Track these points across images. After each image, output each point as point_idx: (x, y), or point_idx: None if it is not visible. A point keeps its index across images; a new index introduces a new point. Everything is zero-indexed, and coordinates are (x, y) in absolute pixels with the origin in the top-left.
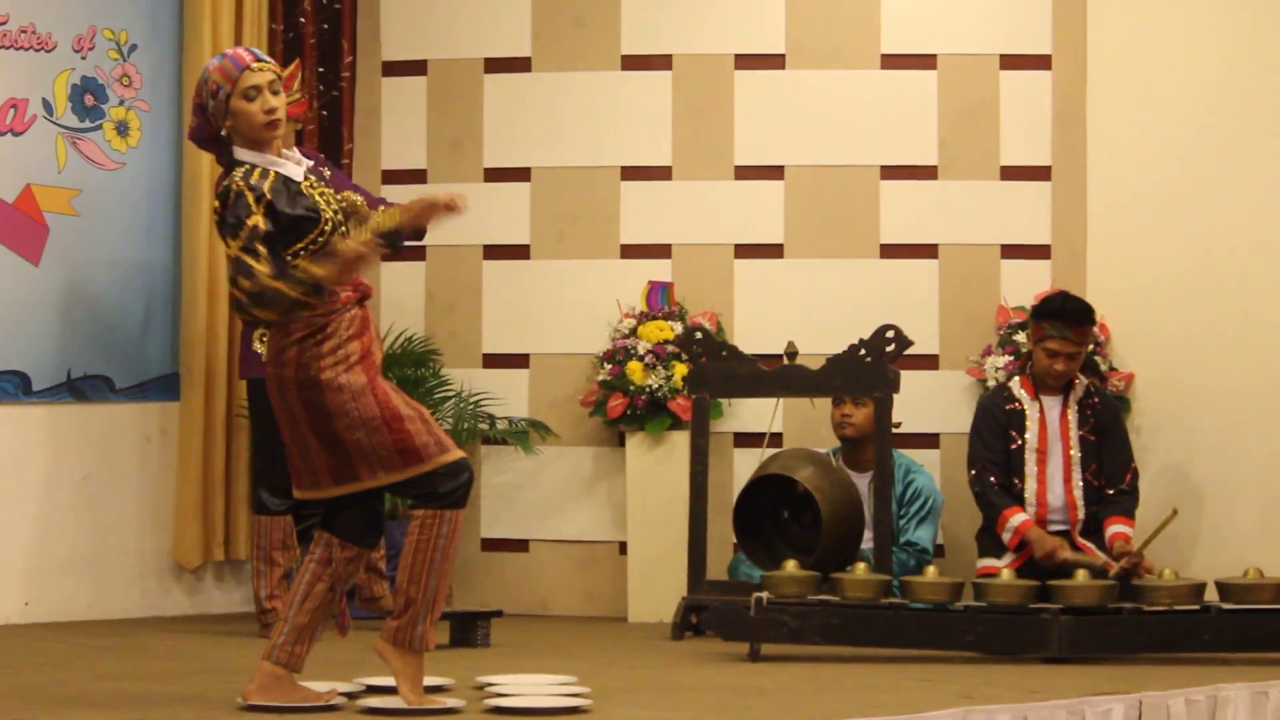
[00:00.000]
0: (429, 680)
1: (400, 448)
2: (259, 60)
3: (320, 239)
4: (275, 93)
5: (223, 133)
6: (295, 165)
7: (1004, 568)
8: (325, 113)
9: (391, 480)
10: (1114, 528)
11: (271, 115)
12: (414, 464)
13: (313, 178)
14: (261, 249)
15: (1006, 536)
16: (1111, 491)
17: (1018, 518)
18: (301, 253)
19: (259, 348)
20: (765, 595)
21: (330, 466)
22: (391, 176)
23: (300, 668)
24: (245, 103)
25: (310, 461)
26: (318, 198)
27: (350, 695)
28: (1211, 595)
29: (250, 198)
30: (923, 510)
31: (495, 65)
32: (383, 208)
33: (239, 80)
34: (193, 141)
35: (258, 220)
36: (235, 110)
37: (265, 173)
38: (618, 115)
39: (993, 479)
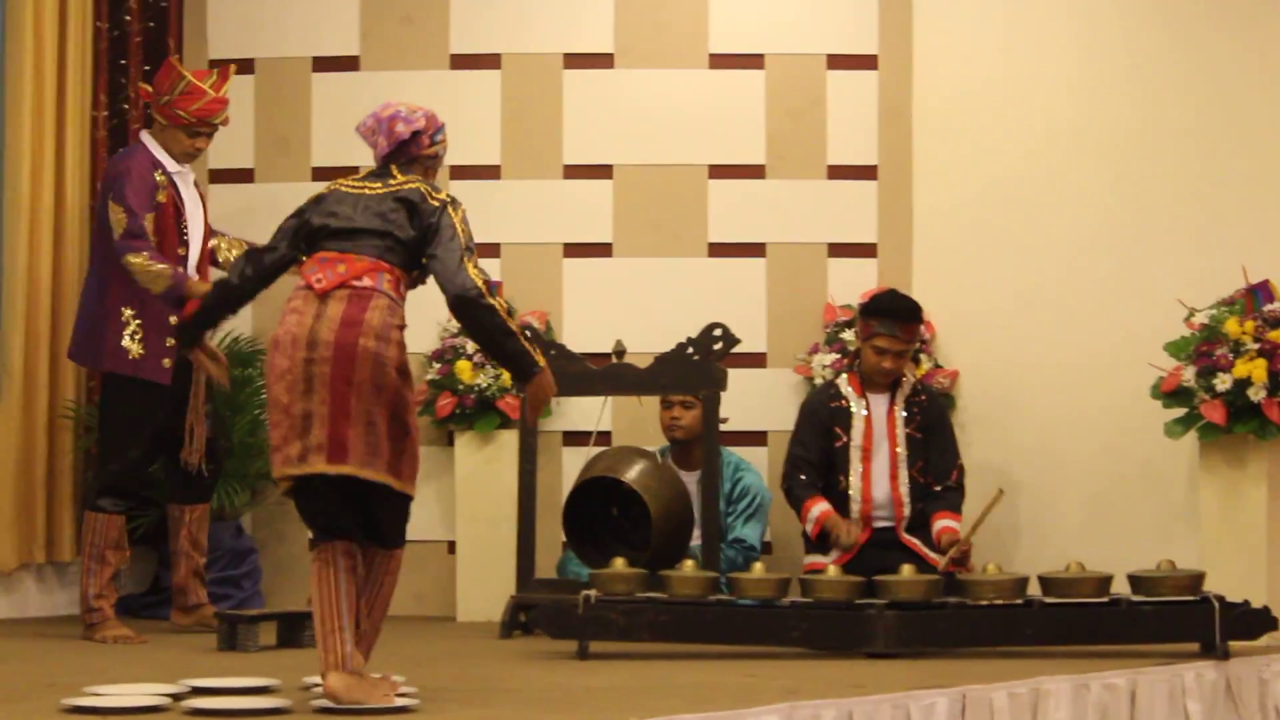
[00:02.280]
0: (256, 680)
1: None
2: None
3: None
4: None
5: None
6: None
7: (830, 564)
8: (151, 24)
9: (404, 492)
10: (941, 522)
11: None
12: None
13: None
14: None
15: (808, 527)
16: (939, 488)
17: (818, 508)
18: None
19: (128, 344)
20: (593, 593)
21: (389, 454)
22: (219, 176)
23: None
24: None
25: (374, 443)
26: None
27: (175, 696)
28: (1034, 589)
29: None
30: (750, 508)
31: (323, 64)
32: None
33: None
34: None
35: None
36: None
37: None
38: (446, 114)
39: (803, 477)
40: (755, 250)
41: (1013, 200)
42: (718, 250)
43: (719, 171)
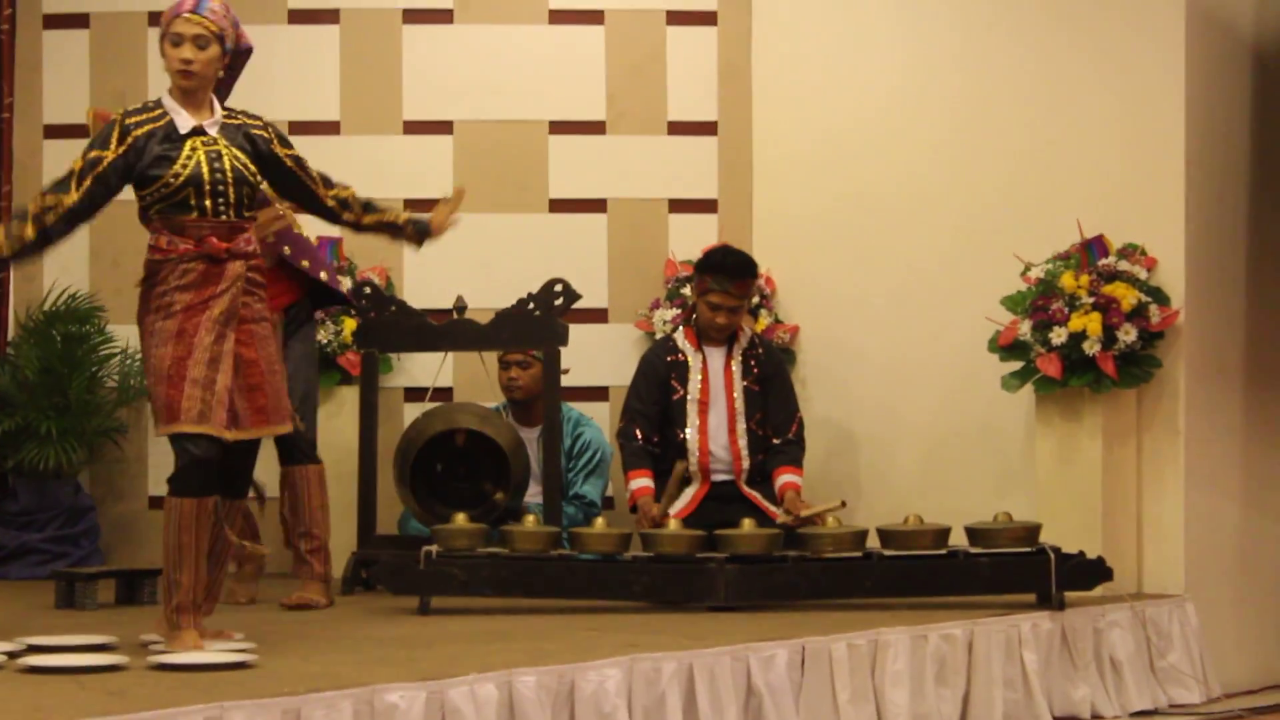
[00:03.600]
0: (94, 638)
1: (163, 404)
2: (196, 13)
3: (165, 190)
4: (202, 47)
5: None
6: (190, 119)
7: (672, 518)
8: None
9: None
10: (784, 477)
11: (184, 65)
12: (162, 424)
13: (216, 136)
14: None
15: (626, 496)
16: (778, 441)
17: (636, 483)
18: (148, 198)
19: None
20: (434, 548)
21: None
22: (54, 131)
23: None
24: (169, 46)
25: None
26: (190, 154)
27: (11, 654)
28: (873, 542)
29: (113, 131)
30: (591, 463)
31: (159, 19)
32: None
33: (170, 24)
34: None
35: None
36: (163, 51)
37: (155, 113)
38: (285, 70)
39: (638, 431)
40: (596, 206)
41: (852, 157)
42: (559, 206)
43: (559, 127)
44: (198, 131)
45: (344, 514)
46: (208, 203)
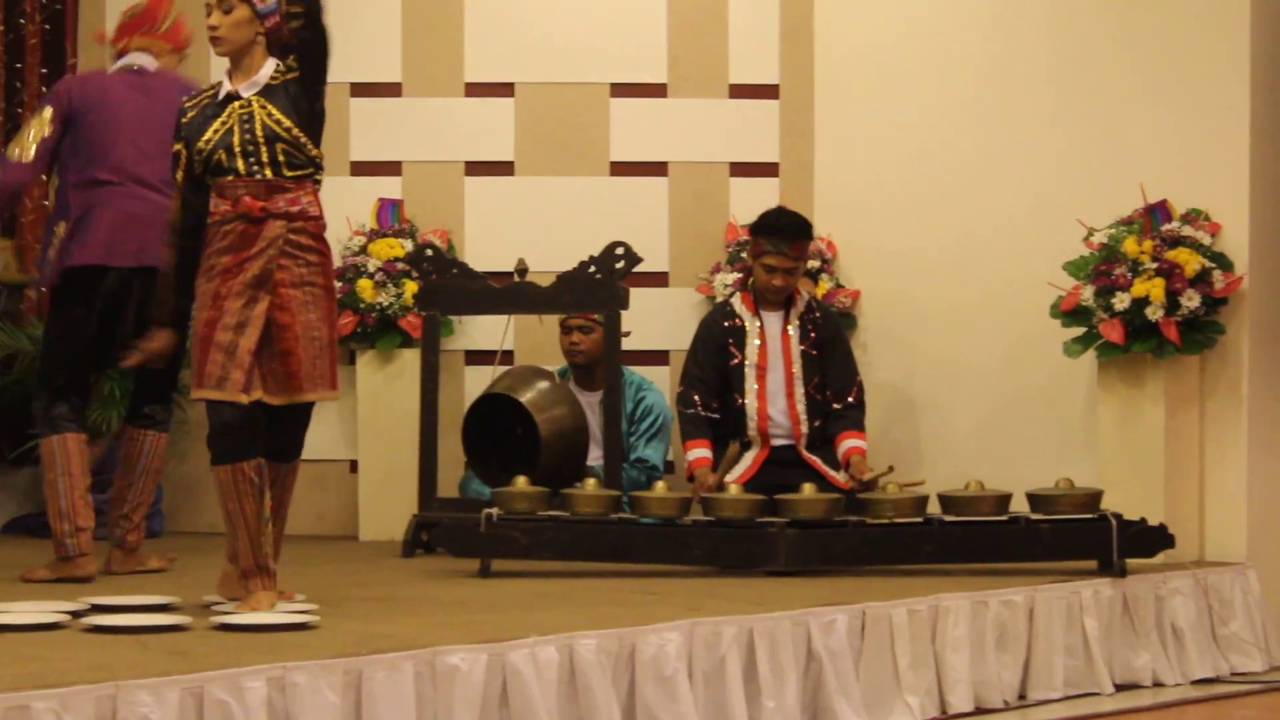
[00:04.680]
0: (156, 598)
1: (196, 367)
2: None
3: (199, 157)
4: (227, 11)
5: None
6: (228, 85)
7: (732, 482)
8: (48, 27)
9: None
10: (848, 442)
11: (211, 32)
12: (194, 386)
13: (252, 99)
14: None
15: (685, 465)
16: (839, 406)
17: (694, 453)
18: (198, 167)
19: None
20: (495, 511)
21: None
22: None
23: None
24: (205, 16)
25: None
26: (225, 119)
27: (75, 614)
28: (934, 508)
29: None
30: (653, 428)
31: None
32: None
33: None
34: None
35: None
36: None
37: (209, 91)
38: (347, 31)
39: (697, 397)
40: (657, 169)
41: (915, 120)
42: (620, 169)
43: (621, 90)
44: (234, 97)
45: (405, 476)
46: (240, 164)
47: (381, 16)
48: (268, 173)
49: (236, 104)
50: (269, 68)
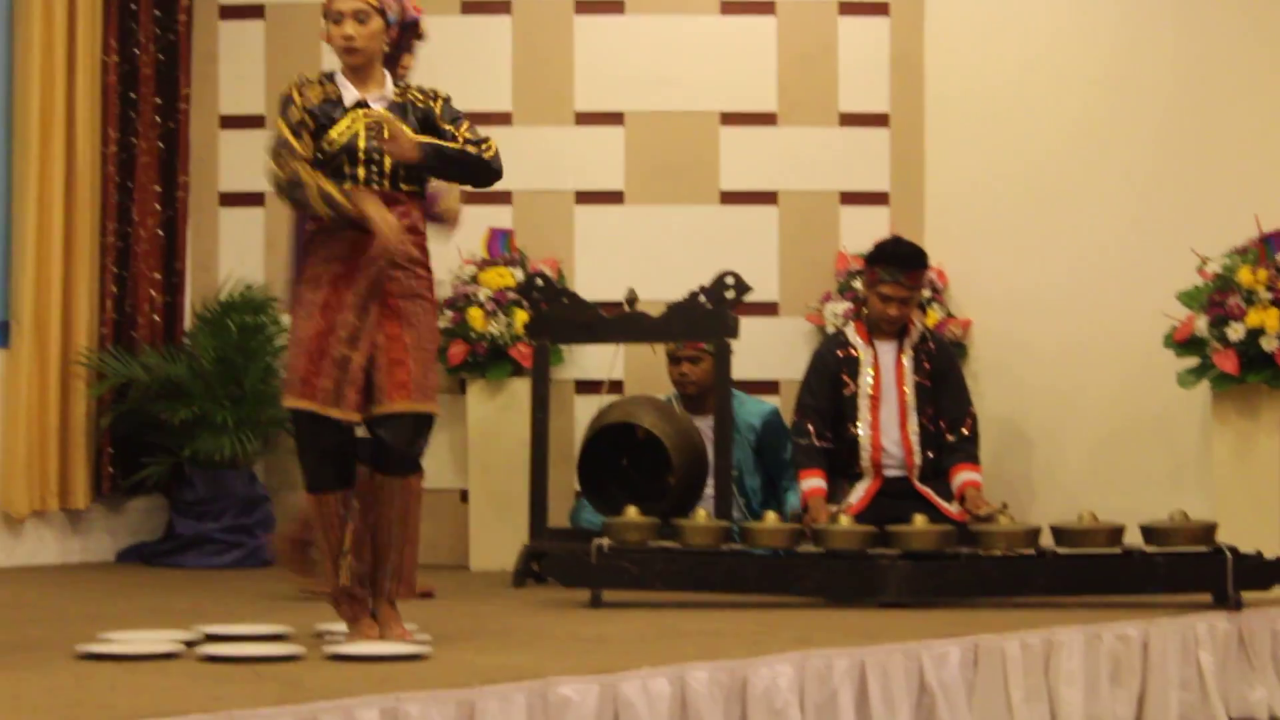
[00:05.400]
0: (270, 628)
1: (296, 376)
2: None
3: (320, 158)
4: (362, 21)
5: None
6: (356, 92)
7: (843, 513)
8: (162, 57)
9: (288, 407)
10: (963, 475)
11: (346, 43)
12: (290, 395)
13: (376, 108)
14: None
15: (798, 497)
16: (953, 438)
17: (808, 483)
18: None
19: None
20: (606, 542)
21: None
22: (230, 122)
23: None
24: (331, 25)
25: None
26: (350, 124)
27: (189, 643)
28: (1047, 540)
29: (290, 104)
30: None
31: None
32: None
33: (331, 2)
34: None
35: (282, 128)
36: (327, 33)
37: (323, 88)
38: (458, 61)
39: (810, 427)
40: (767, 198)
41: (1026, 149)
42: (730, 198)
43: (731, 119)
44: (362, 104)
45: (516, 506)
46: (360, 171)
47: (493, 46)
48: (385, 184)
49: (362, 111)
50: (389, 82)
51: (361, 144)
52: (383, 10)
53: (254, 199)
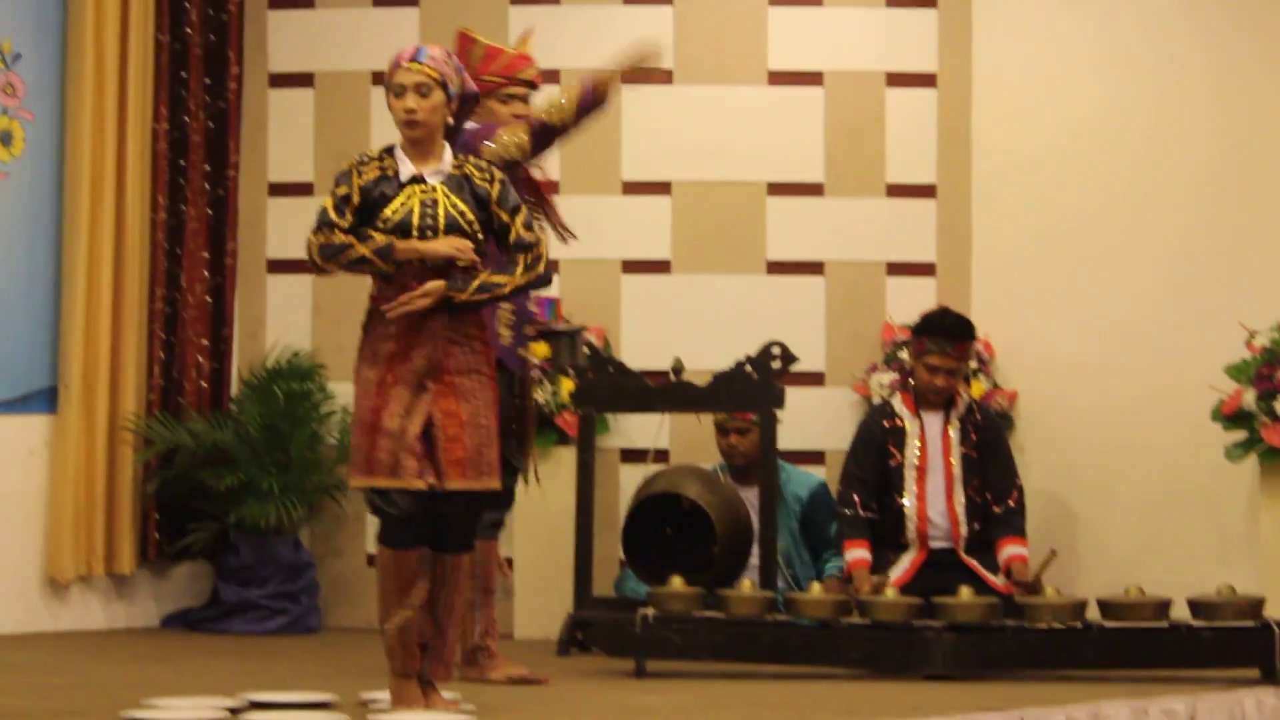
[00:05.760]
0: (315, 695)
1: (359, 455)
2: (415, 61)
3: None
4: (424, 95)
5: None
6: (412, 167)
7: (889, 585)
8: (211, 125)
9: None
10: (1009, 549)
11: (408, 115)
12: (355, 474)
13: (436, 185)
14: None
15: (843, 566)
16: (999, 510)
17: (853, 554)
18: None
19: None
20: (651, 612)
21: None
22: (278, 189)
23: None
24: (392, 98)
25: None
26: (405, 200)
27: (233, 710)
28: (1093, 613)
29: (345, 180)
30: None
31: (383, 78)
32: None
33: (392, 75)
34: None
35: (326, 202)
36: (389, 104)
37: (380, 164)
38: None
39: (856, 498)
40: (814, 268)
41: (1073, 221)
42: (776, 268)
43: (778, 189)
44: (418, 180)
45: (561, 574)
46: None
47: None
48: (440, 261)
49: (418, 187)
50: (449, 155)
51: (415, 220)
52: (444, 83)
53: (302, 266)
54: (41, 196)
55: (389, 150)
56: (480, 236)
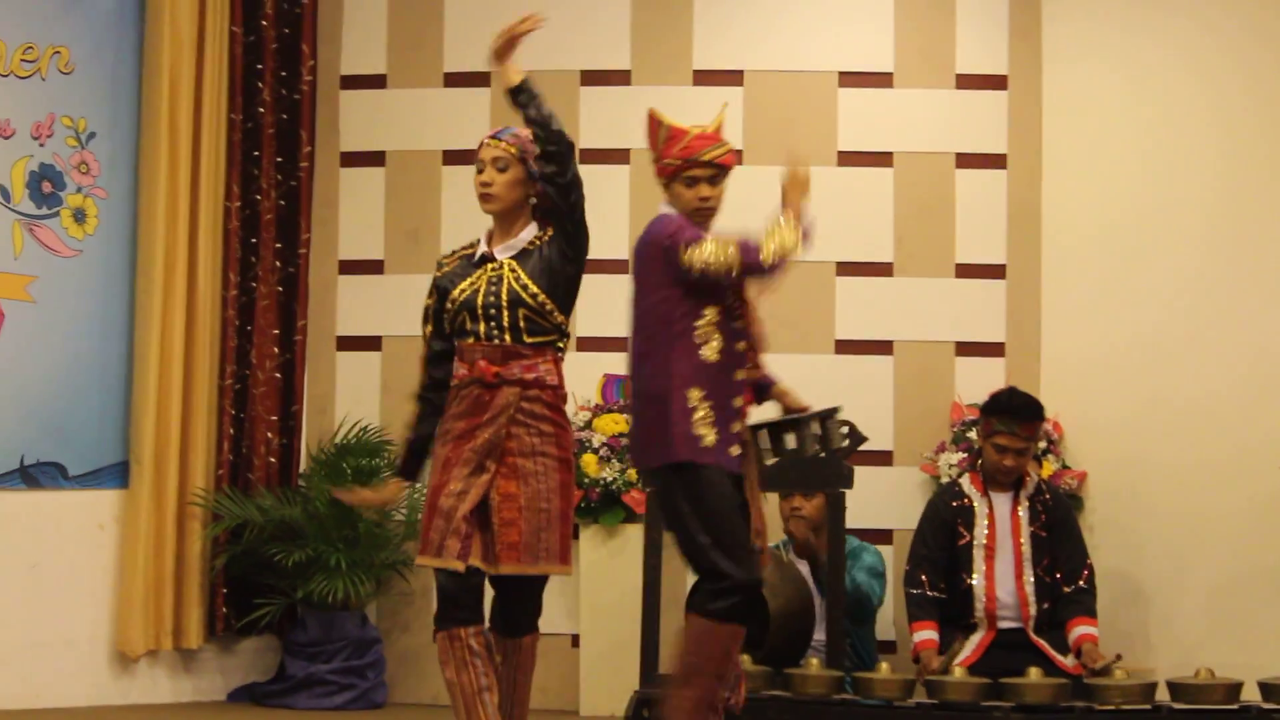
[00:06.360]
0: None
1: (422, 534)
2: (495, 137)
3: (447, 316)
4: (501, 169)
5: None
6: (485, 246)
7: (957, 665)
8: (283, 203)
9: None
10: (1079, 629)
11: (483, 189)
12: (420, 554)
13: (505, 261)
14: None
15: (910, 646)
16: (1069, 590)
17: (920, 635)
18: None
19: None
20: None
21: None
22: (348, 267)
23: None
24: (476, 175)
25: None
26: (475, 280)
27: None
28: (1163, 695)
29: (431, 287)
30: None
31: (453, 157)
32: None
33: (478, 153)
34: None
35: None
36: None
37: (465, 251)
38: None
39: (924, 578)
40: (883, 348)
41: (1142, 300)
42: (845, 347)
43: (847, 269)
44: (489, 258)
45: (627, 651)
46: (481, 326)
47: (611, 195)
48: (507, 338)
49: (489, 265)
50: (530, 232)
51: (480, 299)
52: (523, 159)
53: (371, 343)
54: (114, 273)
55: (478, 240)
56: (549, 307)
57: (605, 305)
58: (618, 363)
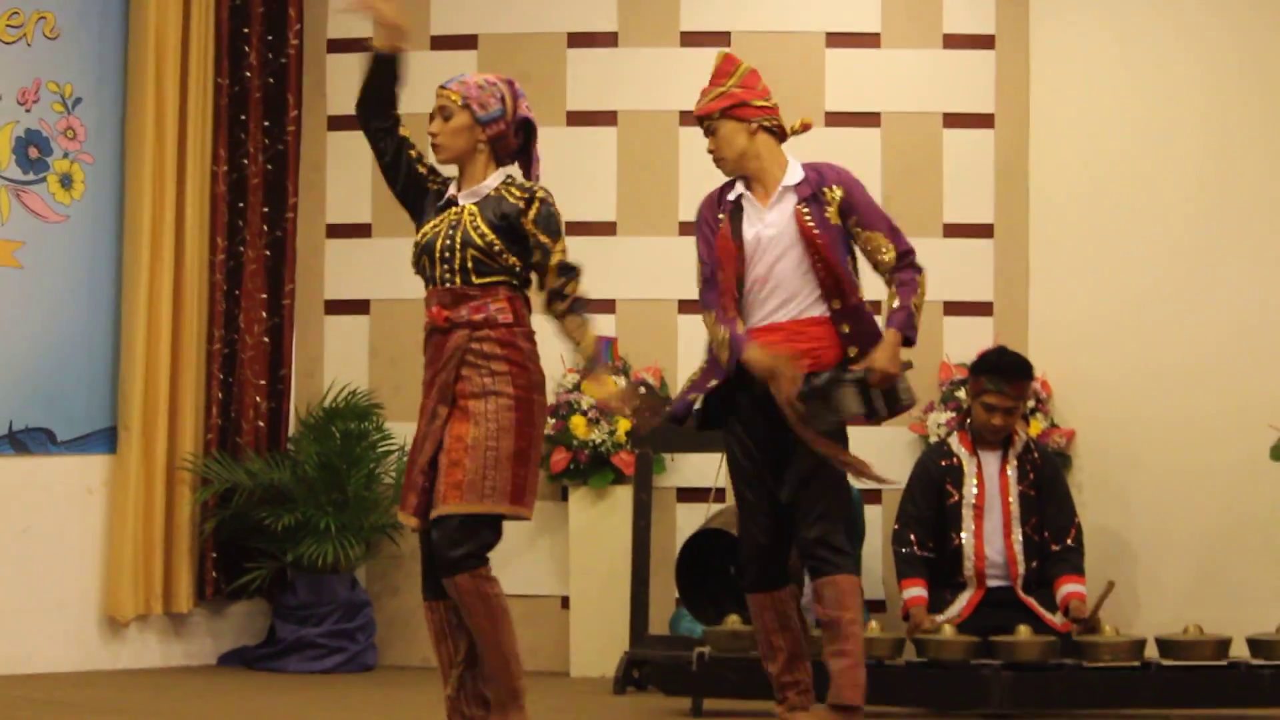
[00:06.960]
0: None
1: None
2: (443, 86)
3: (413, 258)
4: (447, 118)
5: None
6: (452, 190)
7: (945, 623)
8: (270, 167)
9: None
10: (1067, 587)
11: (431, 139)
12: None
13: (466, 205)
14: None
15: (900, 604)
16: (1057, 548)
17: (909, 592)
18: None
19: None
20: (707, 650)
21: None
22: (336, 231)
23: None
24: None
25: None
26: (437, 224)
27: None
28: (1152, 652)
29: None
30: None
31: None
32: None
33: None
34: None
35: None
36: None
37: (447, 185)
38: (563, 169)
39: (912, 536)
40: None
41: (1130, 259)
42: None
43: None
44: (451, 202)
45: (617, 613)
46: (437, 270)
47: (599, 156)
48: (457, 280)
49: (452, 210)
50: (495, 178)
51: (438, 243)
52: (466, 104)
53: (359, 306)
54: (101, 238)
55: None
56: (497, 248)
57: (594, 267)
58: (605, 325)
